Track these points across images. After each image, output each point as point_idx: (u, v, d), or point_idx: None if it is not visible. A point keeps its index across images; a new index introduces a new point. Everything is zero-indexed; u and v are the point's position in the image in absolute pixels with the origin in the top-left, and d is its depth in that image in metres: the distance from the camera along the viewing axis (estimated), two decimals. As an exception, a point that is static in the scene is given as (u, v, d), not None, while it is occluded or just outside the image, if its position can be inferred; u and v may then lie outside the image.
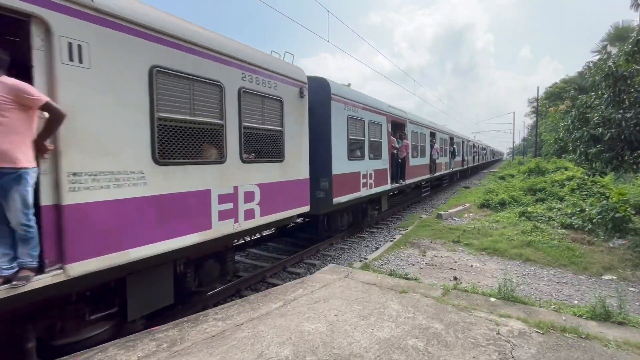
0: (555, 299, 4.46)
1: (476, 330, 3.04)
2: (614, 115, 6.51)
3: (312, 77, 6.25)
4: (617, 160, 7.01)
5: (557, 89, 36.37)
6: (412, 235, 7.88)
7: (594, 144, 7.06)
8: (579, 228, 7.62)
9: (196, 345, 2.76)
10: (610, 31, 20.71)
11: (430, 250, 6.73)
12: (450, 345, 2.79)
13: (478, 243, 6.94)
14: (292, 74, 5.28)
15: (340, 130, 6.81)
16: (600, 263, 5.89)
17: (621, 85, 6.59)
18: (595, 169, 7.78)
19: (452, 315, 3.34)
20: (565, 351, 2.74)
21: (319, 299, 3.74)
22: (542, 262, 6.01)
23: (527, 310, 3.52)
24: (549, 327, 3.10)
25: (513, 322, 3.21)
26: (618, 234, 7.07)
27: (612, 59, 7.42)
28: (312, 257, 6.74)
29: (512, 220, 8.70)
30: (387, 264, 5.84)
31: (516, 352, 2.70)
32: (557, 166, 17.12)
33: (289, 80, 5.16)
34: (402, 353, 2.66)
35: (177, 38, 3.45)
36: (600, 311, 3.36)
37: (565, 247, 6.52)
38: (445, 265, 5.84)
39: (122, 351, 2.67)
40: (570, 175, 12.56)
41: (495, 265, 5.84)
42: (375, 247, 7.48)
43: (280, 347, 2.72)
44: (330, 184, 6.47)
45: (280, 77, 4.97)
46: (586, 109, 7.63)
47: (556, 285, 5.07)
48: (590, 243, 6.88)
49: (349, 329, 3.05)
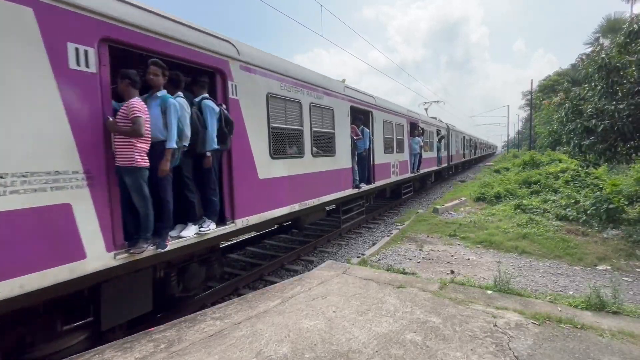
0: (551, 290, 4.51)
1: (473, 323, 3.06)
2: (607, 106, 6.54)
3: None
4: (611, 151, 7.06)
5: (551, 82, 36.52)
6: (408, 230, 7.91)
7: (588, 136, 7.10)
8: (574, 220, 7.69)
9: (194, 345, 2.75)
10: (603, 23, 20.78)
11: (427, 244, 6.76)
12: (448, 338, 2.81)
13: (474, 236, 6.99)
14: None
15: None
16: (594, 254, 5.95)
17: (614, 76, 6.62)
18: (589, 160, 7.84)
19: (450, 309, 3.36)
20: (561, 341, 2.77)
21: (317, 295, 3.74)
22: (538, 254, 6.06)
23: (524, 302, 3.55)
24: (545, 318, 3.13)
25: (510, 314, 3.24)
26: (612, 224, 7.14)
27: (605, 50, 7.45)
28: (310, 254, 6.74)
29: (508, 213, 8.76)
30: (385, 259, 5.86)
31: (513, 344, 2.72)
32: (551, 158, 17.22)
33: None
34: (400, 348, 2.67)
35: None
36: (595, 301, 3.39)
37: (560, 239, 6.58)
38: (442, 259, 5.88)
39: (119, 353, 2.65)
40: (564, 168, 12.64)
41: (491, 258, 5.88)
42: (372, 242, 7.50)
43: (278, 345, 2.72)
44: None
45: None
46: (579, 101, 7.67)
47: (551, 276, 5.12)
48: (585, 234, 6.95)
49: (347, 324, 3.05)
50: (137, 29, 3.19)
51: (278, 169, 5.11)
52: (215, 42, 4.06)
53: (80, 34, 2.77)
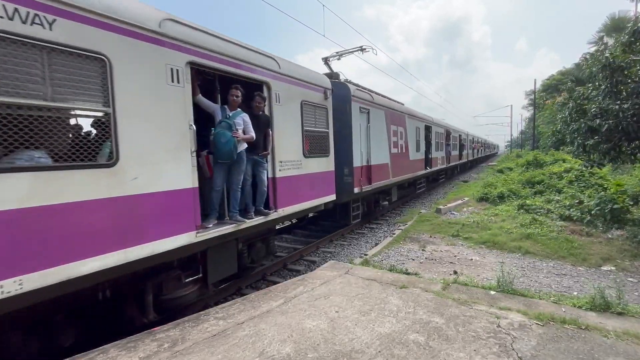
0: (555, 291, 4.49)
1: (477, 324, 3.05)
2: (612, 106, 6.50)
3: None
4: (615, 151, 7.01)
5: (554, 81, 36.31)
6: (411, 230, 7.90)
7: (592, 136, 7.06)
8: (578, 220, 7.65)
9: (197, 344, 2.76)
10: (607, 22, 20.62)
11: (430, 244, 6.75)
12: (451, 339, 2.80)
13: (477, 237, 6.97)
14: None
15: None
16: (598, 254, 5.92)
17: (618, 76, 6.58)
18: (593, 160, 7.79)
19: (453, 309, 3.35)
20: (565, 342, 2.76)
21: (320, 295, 3.74)
22: (541, 254, 6.04)
23: (527, 302, 3.53)
24: (549, 319, 3.12)
25: (513, 315, 3.23)
26: (616, 225, 7.10)
27: (609, 49, 7.40)
28: (312, 254, 6.74)
29: (511, 213, 8.73)
30: (387, 260, 5.86)
31: (517, 345, 2.71)
32: (555, 158, 17.14)
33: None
34: (403, 348, 2.67)
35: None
36: (600, 302, 3.37)
37: (564, 239, 6.55)
38: (445, 259, 5.86)
39: (123, 352, 2.67)
40: (568, 167, 12.57)
41: (494, 259, 5.86)
42: (375, 242, 7.49)
43: (281, 345, 2.73)
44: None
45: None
46: (583, 101, 7.62)
47: (555, 277, 5.10)
48: (589, 234, 6.91)
49: (350, 325, 3.05)
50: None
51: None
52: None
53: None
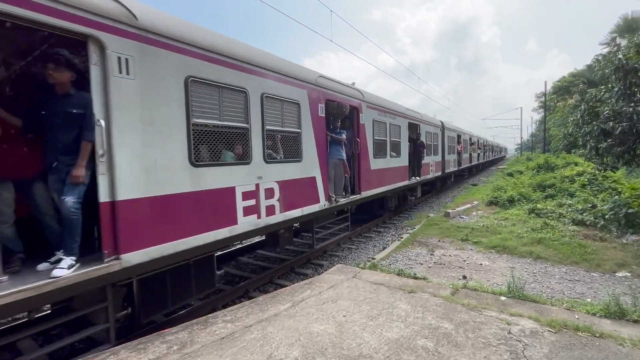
0: (568, 297, 4.39)
1: (487, 330, 3.00)
2: (625, 108, 6.38)
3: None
4: (629, 154, 6.87)
5: (566, 83, 35.70)
6: (419, 234, 7.83)
7: (605, 138, 6.93)
8: (591, 224, 7.48)
9: (206, 347, 2.78)
10: (619, 22, 20.23)
11: (439, 249, 6.68)
12: (460, 345, 2.76)
13: (487, 241, 6.87)
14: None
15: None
16: (613, 260, 5.77)
17: (632, 77, 6.46)
18: (606, 163, 7.64)
19: (462, 315, 3.30)
20: (578, 350, 2.69)
21: (327, 299, 3.73)
22: (553, 259, 5.92)
23: (539, 308, 3.46)
24: (562, 326, 3.05)
25: (524, 321, 3.17)
26: (631, 229, 6.92)
27: (622, 51, 7.27)
28: (320, 258, 6.74)
29: (522, 217, 8.59)
30: (395, 264, 5.81)
31: (528, 352, 2.66)
32: (566, 161, 16.81)
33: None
34: (411, 353, 2.64)
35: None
36: (615, 309, 3.28)
37: (576, 244, 6.40)
38: (454, 263, 5.79)
39: (133, 354, 2.70)
40: (580, 171, 12.32)
41: (504, 264, 5.77)
42: (382, 246, 7.45)
43: (289, 349, 2.73)
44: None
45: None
46: (596, 103, 7.50)
47: (568, 282, 4.99)
48: (603, 239, 6.75)
49: (358, 329, 3.04)
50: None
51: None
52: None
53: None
